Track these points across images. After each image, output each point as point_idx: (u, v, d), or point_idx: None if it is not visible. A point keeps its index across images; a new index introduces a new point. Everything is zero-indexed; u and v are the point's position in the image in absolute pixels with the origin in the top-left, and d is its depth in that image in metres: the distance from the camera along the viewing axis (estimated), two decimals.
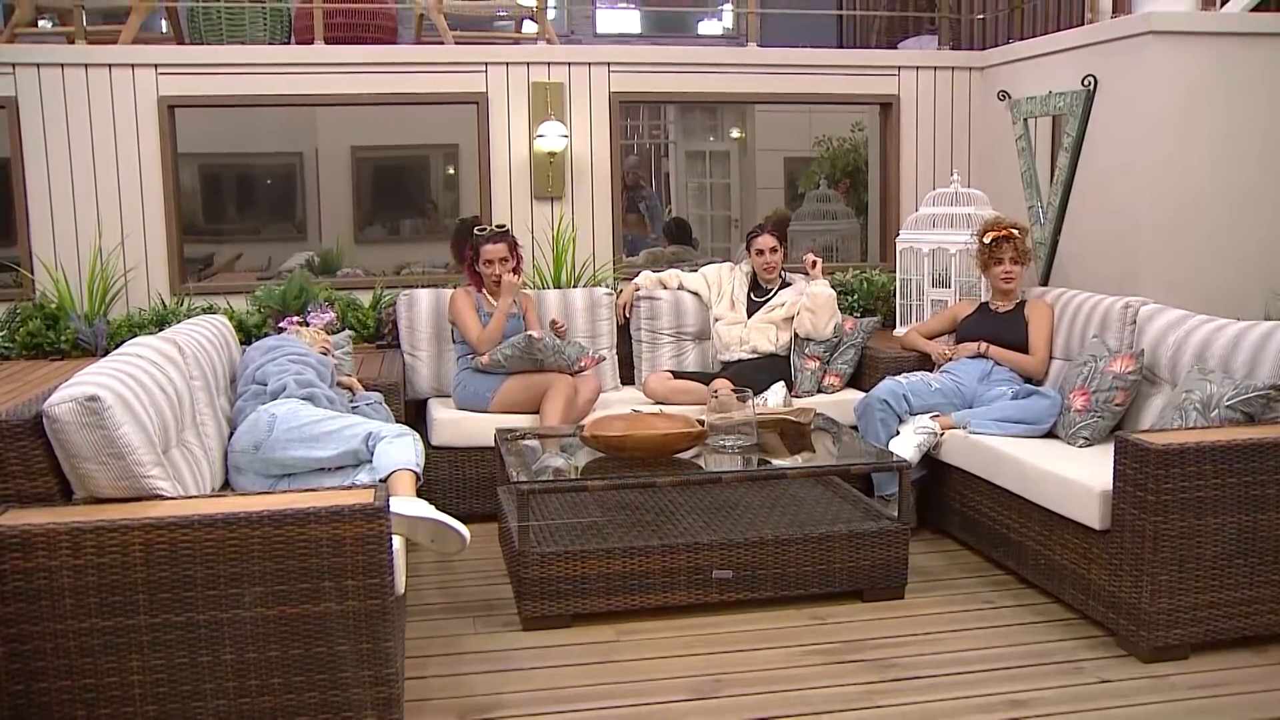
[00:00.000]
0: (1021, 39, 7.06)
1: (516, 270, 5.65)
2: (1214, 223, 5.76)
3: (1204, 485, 3.72)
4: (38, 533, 2.89)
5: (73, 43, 6.52)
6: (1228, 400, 4.03)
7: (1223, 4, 6.11)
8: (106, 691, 2.97)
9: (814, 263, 6.04)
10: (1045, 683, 3.67)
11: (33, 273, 6.21)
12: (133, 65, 6.29)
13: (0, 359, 5.78)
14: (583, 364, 5.56)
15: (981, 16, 7.94)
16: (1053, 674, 3.73)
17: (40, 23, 7.31)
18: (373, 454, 3.83)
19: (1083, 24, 6.49)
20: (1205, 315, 4.64)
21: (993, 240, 5.45)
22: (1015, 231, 5.43)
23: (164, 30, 7.68)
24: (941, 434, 5.01)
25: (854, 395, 5.59)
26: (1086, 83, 5.98)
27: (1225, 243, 5.74)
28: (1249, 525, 3.79)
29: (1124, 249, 5.87)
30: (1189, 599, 3.73)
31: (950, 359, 5.41)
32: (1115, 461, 3.86)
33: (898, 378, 5.27)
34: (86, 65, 6.25)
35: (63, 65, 6.23)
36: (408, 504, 3.59)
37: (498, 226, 5.72)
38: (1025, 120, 6.49)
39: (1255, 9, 6.13)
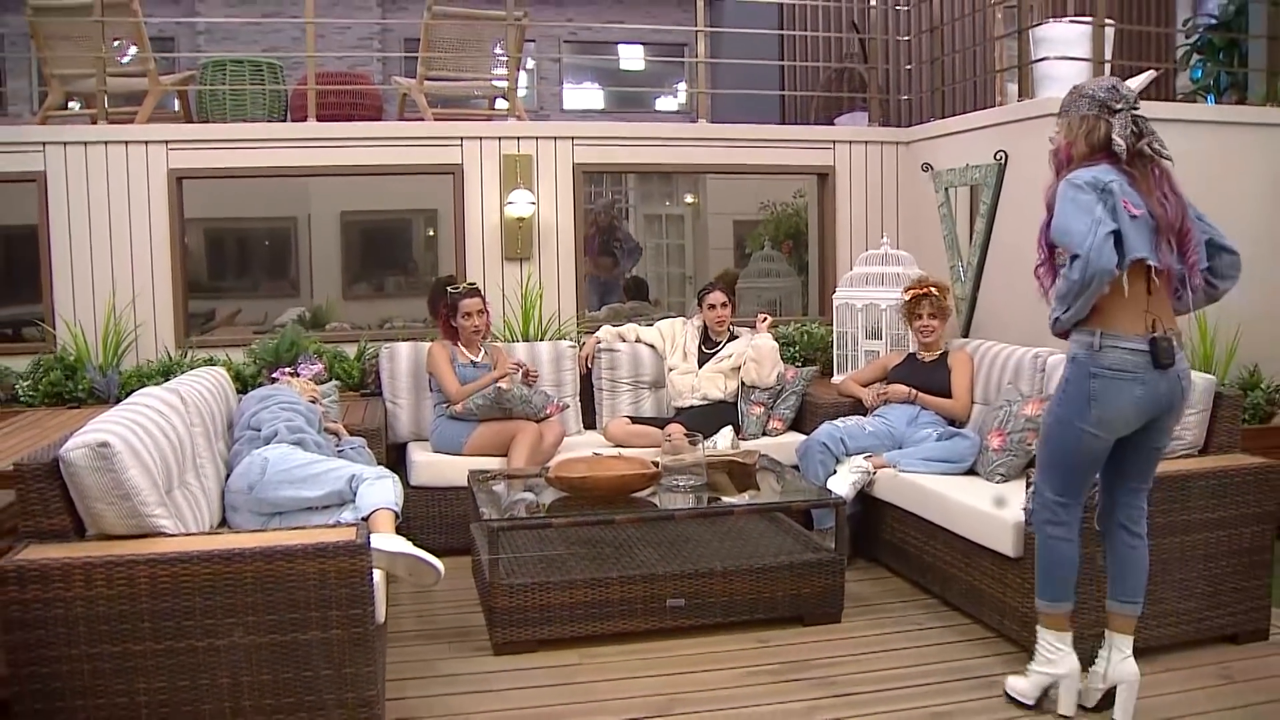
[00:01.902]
0: (942, 118, 7.17)
1: (486, 327, 5.73)
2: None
3: None
4: (54, 566, 2.92)
5: (95, 123, 6.56)
6: None
7: None
8: (116, 711, 2.98)
9: (764, 319, 6.14)
10: (967, 695, 3.73)
11: (55, 328, 6.20)
12: (146, 142, 6.33)
13: (25, 406, 5.78)
14: (548, 411, 5.60)
15: (907, 97, 8.07)
16: (973, 687, 3.79)
17: (70, 105, 7.34)
18: (356, 494, 3.83)
19: (994, 106, 6.62)
20: None
21: (913, 297, 5.56)
22: (933, 290, 5.53)
23: (176, 109, 7.72)
24: (874, 473, 5.07)
25: (795, 438, 5.65)
26: (999, 157, 6.09)
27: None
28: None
29: (1034, 304, 5.86)
30: (1091, 617, 3.79)
31: (881, 404, 5.49)
32: (1027, 496, 3.92)
33: (835, 422, 5.33)
34: (106, 143, 6.28)
35: (85, 143, 6.27)
36: (387, 540, 3.60)
37: (468, 285, 5.79)
38: (946, 189, 6.59)
39: (1139, 97, 6.30)
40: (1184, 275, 3.35)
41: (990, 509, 4.27)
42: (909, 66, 8.18)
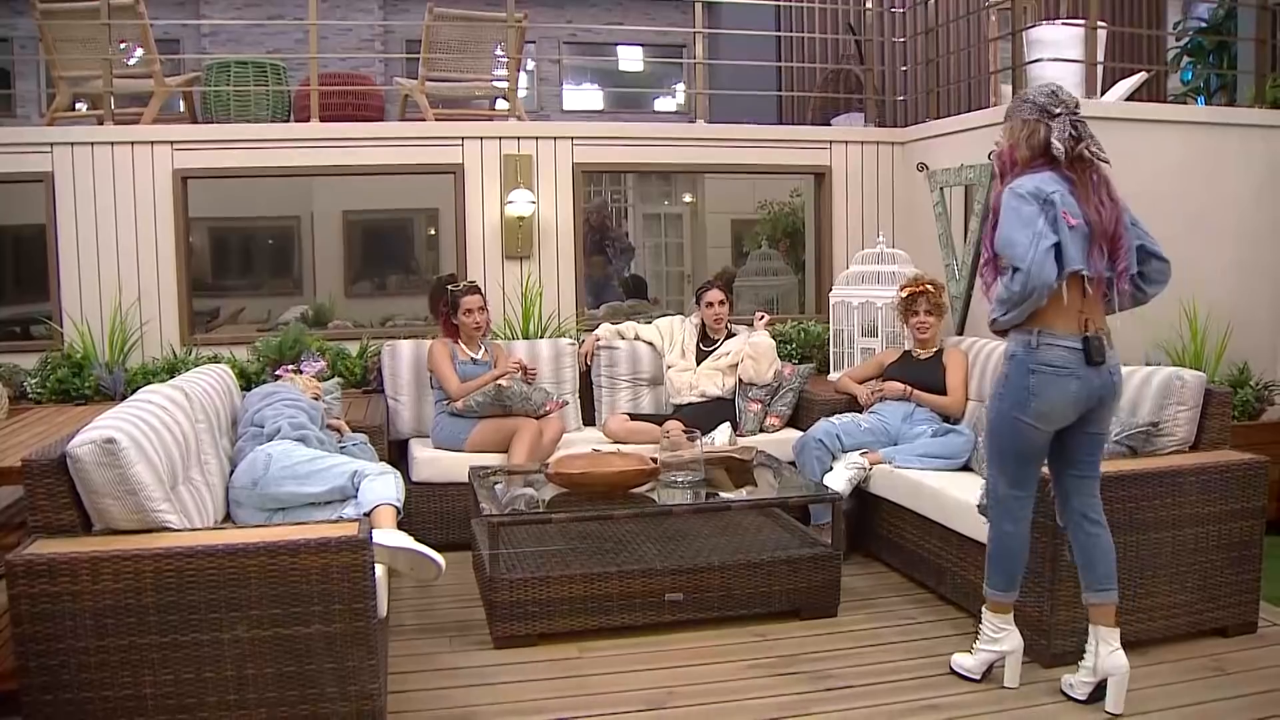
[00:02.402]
0: (937, 118, 7.18)
1: (486, 324, 5.74)
2: None
3: None
4: (62, 560, 2.92)
5: (102, 123, 6.56)
6: (1114, 436, 4.11)
7: (1103, 94, 6.28)
8: (123, 703, 2.99)
9: (762, 317, 6.15)
10: (960, 688, 3.74)
11: (62, 326, 6.20)
12: (152, 142, 6.33)
13: (34, 403, 5.78)
14: (548, 408, 5.60)
15: (903, 98, 8.07)
16: (966, 680, 3.78)
17: (77, 106, 7.34)
18: (358, 490, 3.84)
19: (988, 107, 6.62)
20: None
21: (909, 295, 5.56)
22: (930, 287, 5.53)
23: (181, 110, 7.72)
24: (870, 469, 5.08)
25: (793, 435, 5.65)
26: (992, 157, 6.09)
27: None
28: (1133, 544, 3.89)
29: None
30: (1083, 611, 3.81)
31: (876, 400, 5.50)
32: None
33: (831, 419, 5.34)
34: (113, 143, 6.28)
35: (92, 144, 6.27)
36: (389, 535, 3.61)
37: (468, 283, 5.80)
38: (941, 189, 6.59)
39: (1130, 99, 6.32)
40: (1112, 280, 3.47)
41: None
42: (905, 68, 8.18)
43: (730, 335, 6.14)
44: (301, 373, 5.15)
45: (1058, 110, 3.43)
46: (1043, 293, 3.31)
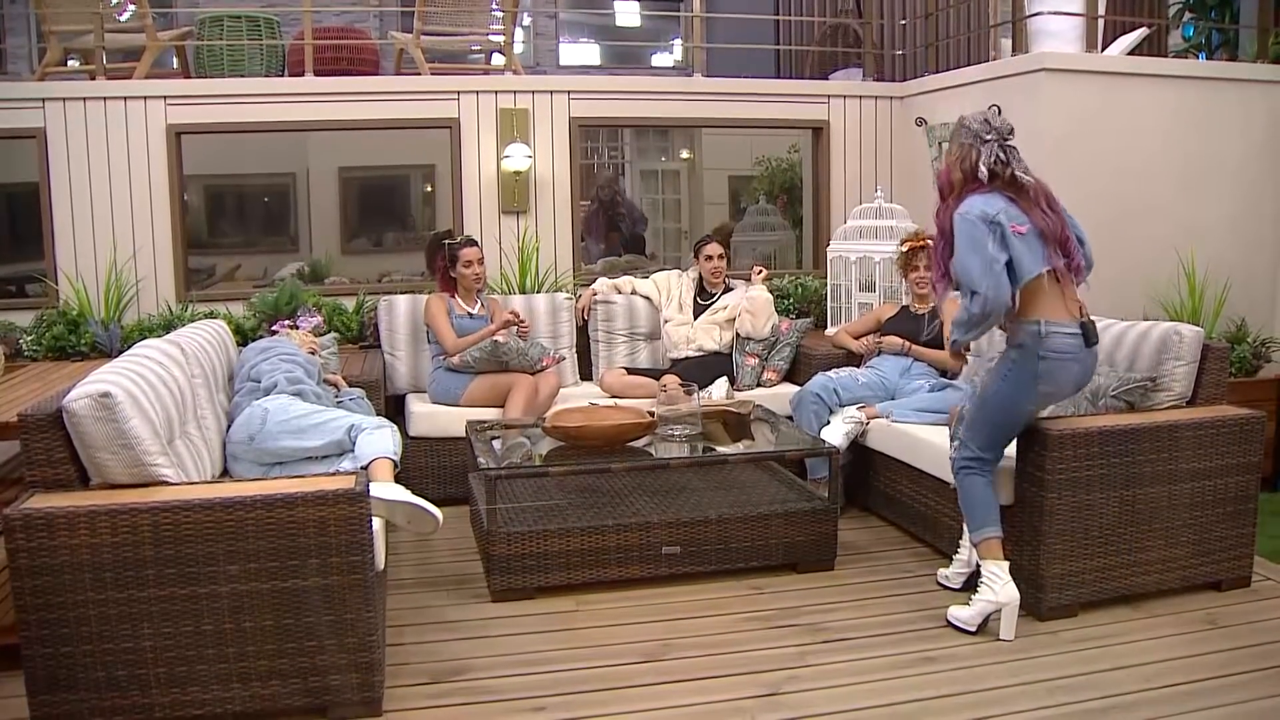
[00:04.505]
0: (936, 72, 7.13)
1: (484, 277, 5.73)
2: (1100, 235, 5.78)
3: (1092, 465, 3.82)
4: (59, 515, 2.91)
5: (94, 79, 6.49)
6: (1112, 390, 4.12)
7: (1104, 48, 6.22)
8: (122, 655, 2.99)
9: (760, 271, 6.14)
10: (955, 640, 3.75)
11: (57, 283, 6.17)
12: (145, 97, 6.27)
13: (29, 360, 5.76)
14: (544, 364, 5.58)
15: (901, 52, 8.00)
16: (962, 633, 3.79)
17: (69, 61, 7.26)
18: (355, 444, 3.83)
19: (987, 61, 6.56)
20: (1094, 316, 4.72)
21: (909, 249, 5.53)
22: (929, 242, 5.48)
23: (174, 65, 7.64)
24: (867, 423, 5.08)
25: (790, 389, 5.64)
26: (991, 110, 6.04)
27: (1110, 253, 5.79)
28: (1129, 499, 3.90)
29: None
30: (1078, 564, 3.84)
31: (875, 355, 5.49)
32: (1017, 445, 3.95)
33: (829, 373, 5.33)
34: (105, 99, 6.22)
35: (84, 99, 6.21)
36: (386, 489, 3.61)
37: (465, 236, 5.79)
38: (940, 143, 6.55)
39: (1131, 54, 6.26)
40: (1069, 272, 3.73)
41: None
42: (903, 21, 8.10)
43: (728, 289, 6.12)
44: (298, 328, 5.13)
45: (989, 136, 3.68)
46: (999, 312, 3.58)
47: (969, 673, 3.51)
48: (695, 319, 6.05)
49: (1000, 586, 3.74)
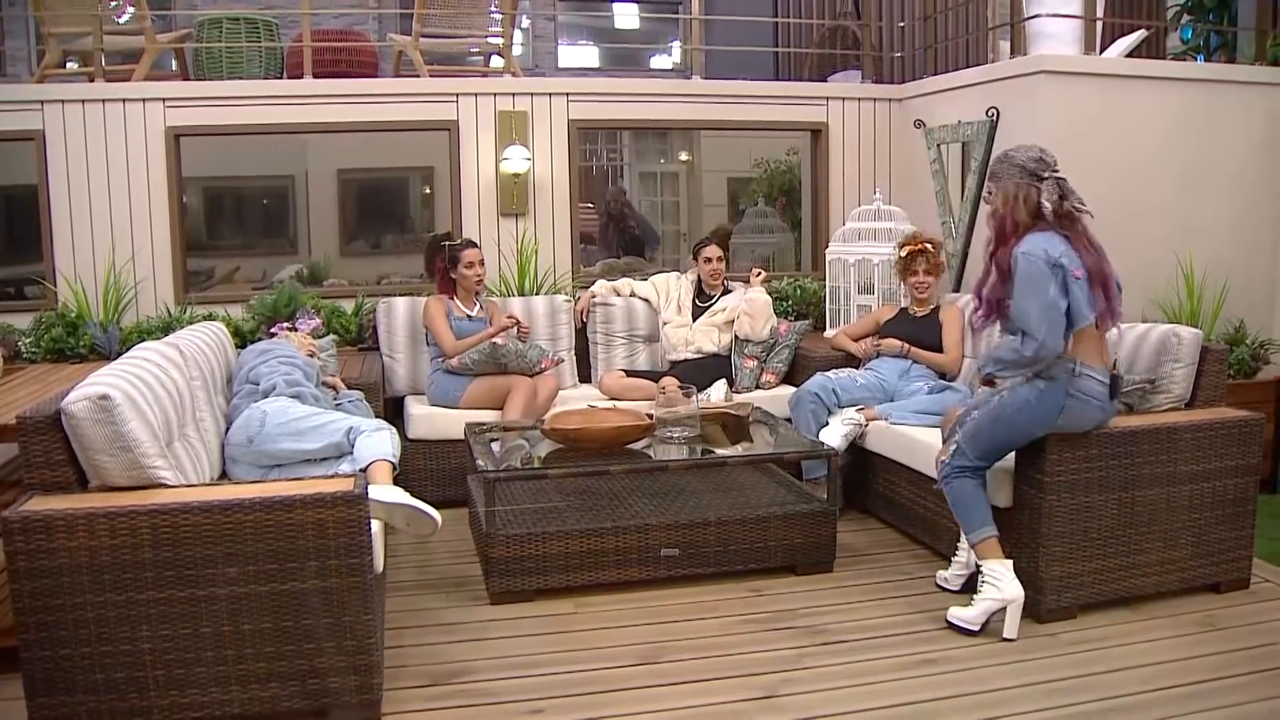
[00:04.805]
0: (935, 75, 7.12)
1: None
2: (1100, 238, 5.83)
3: (1091, 467, 3.83)
4: (58, 517, 2.91)
5: (93, 81, 6.49)
6: None
7: (1103, 50, 6.22)
8: (120, 658, 2.99)
9: (759, 273, 6.14)
10: (954, 643, 3.75)
11: (56, 285, 6.16)
12: (144, 99, 6.26)
13: (28, 362, 5.75)
14: (543, 366, 5.57)
15: (900, 54, 8.00)
16: (961, 636, 3.79)
17: (68, 64, 7.26)
18: (354, 446, 3.83)
19: (986, 63, 6.56)
20: None
21: (908, 254, 5.53)
22: (928, 246, 5.50)
23: (172, 67, 7.63)
24: (866, 425, 5.07)
25: (788, 391, 5.62)
26: (990, 114, 6.06)
27: (1109, 255, 5.85)
28: (1128, 501, 3.90)
29: None
30: (1077, 566, 3.84)
31: (874, 357, 5.49)
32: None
33: (827, 374, 5.33)
34: (104, 100, 6.22)
35: (83, 101, 6.20)
36: (385, 491, 3.61)
37: (465, 238, 5.79)
38: (938, 146, 6.55)
39: (1130, 56, 6.26)
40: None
41: None
42: (902, 24, 8.09)
43: (726, 292, 6.13)
44: (297, 330, 5.12)
45: (1045, 174, 3.70)
46: (1051, 359, 3.63)
47: (968, 675, 3.51)
48: (694, 321, 6.05)
49: (1005, 584, 3.75)
